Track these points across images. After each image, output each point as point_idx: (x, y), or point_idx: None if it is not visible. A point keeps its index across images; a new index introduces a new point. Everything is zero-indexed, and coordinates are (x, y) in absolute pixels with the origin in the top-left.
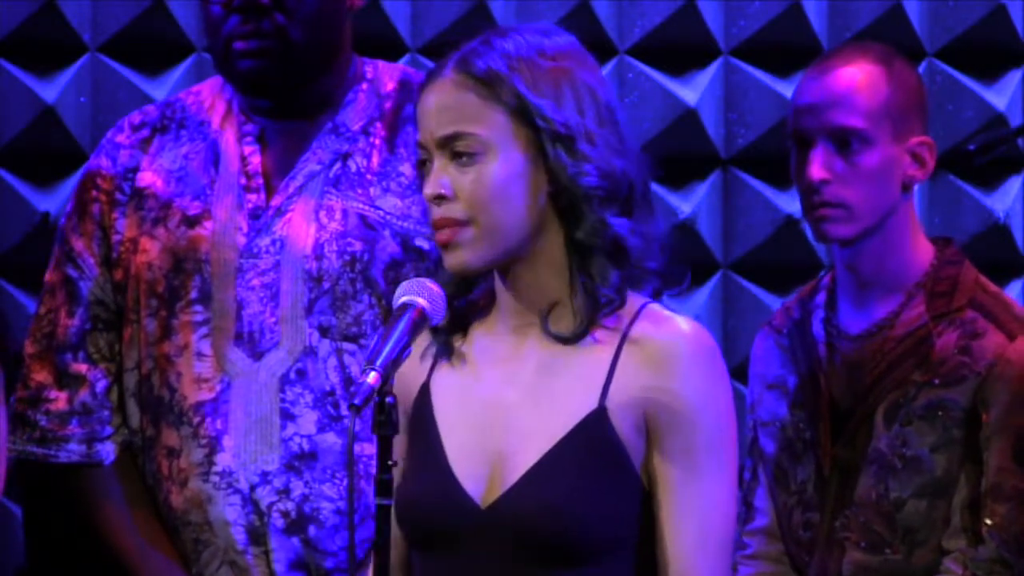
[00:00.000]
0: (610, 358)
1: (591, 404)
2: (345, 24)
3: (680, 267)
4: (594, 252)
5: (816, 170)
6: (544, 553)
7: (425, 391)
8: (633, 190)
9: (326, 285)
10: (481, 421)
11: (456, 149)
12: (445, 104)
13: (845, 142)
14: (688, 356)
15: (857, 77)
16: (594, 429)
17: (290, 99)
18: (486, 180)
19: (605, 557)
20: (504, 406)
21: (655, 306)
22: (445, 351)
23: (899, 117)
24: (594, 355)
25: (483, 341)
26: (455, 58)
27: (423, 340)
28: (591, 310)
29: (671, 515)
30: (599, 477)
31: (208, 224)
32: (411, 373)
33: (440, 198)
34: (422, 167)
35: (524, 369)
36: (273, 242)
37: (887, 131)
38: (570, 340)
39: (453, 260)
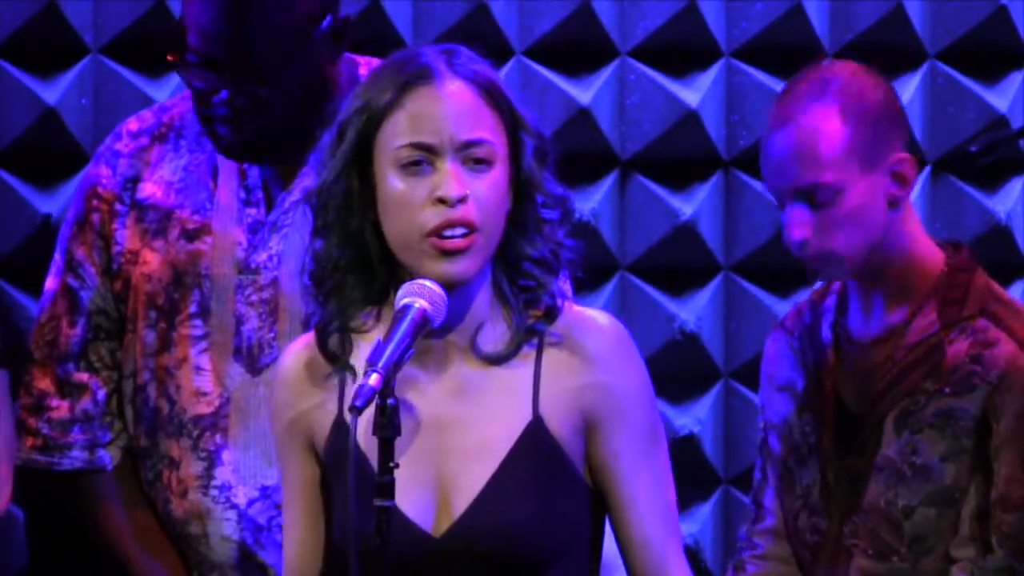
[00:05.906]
0: (532, 366)
1: (526, 416)
2: (330, 66)
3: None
4: (538, 266)
5: (795, 231)
6: (504, 572)
7: (341, 426)
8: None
9: None
10: (416, 447)
11: (476, 155)
12: (465, 107)
13: (816, 198)
14: (613, 349)
15: (814, 126)
16: (535, 440)
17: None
18: (497, 188)
19: (563, 559)
20: (437, 429)
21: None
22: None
23: (867, 150)
24: (516, 367)
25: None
26: (449, 62)
27: (322, 382)
28: (522, 326)
29: (634, 501)
30: (549, 487)
31: (208, 239)
32: (312, 415)
33: (464, 200)
34: (413, 167)
35: (451, 391)
36: (271, 257)
37: (855, 170)
38: (501, 360)
39: (458, 267)
